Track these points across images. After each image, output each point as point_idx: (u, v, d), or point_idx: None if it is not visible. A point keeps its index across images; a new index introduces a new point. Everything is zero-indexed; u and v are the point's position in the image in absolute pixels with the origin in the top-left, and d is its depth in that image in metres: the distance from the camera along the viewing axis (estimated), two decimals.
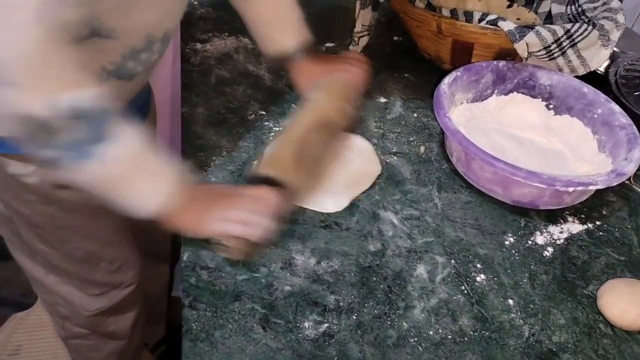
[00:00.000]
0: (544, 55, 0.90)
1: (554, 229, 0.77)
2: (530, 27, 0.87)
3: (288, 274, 0.67)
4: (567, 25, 0.87)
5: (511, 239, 0.75)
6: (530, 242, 0.75)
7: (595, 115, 0.87)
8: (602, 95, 0.87)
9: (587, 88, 0.89)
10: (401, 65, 1.08)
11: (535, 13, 1.09)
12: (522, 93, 0.94)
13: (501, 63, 0.92)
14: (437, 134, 0.92)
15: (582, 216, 0.80)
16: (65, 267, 0.90)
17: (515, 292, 0.69)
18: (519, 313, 0.66)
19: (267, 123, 0.89)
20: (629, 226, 0.80)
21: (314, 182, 0.75)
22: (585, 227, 0.78)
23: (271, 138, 0.86)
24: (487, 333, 0.64)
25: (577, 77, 0.92)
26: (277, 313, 0.63)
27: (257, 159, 0.82)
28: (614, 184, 0.72)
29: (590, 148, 0.86)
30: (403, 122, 0.93)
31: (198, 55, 1.04)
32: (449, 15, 1.11)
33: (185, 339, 0.60)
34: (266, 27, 0.83)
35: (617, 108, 0.85)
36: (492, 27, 0.92)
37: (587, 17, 0.96)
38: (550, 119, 0.92)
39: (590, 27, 0.87)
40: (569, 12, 1.02)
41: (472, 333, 0.64)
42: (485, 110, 0.92)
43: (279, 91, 0.97)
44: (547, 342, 0.64)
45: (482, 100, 0.94)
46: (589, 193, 0.80)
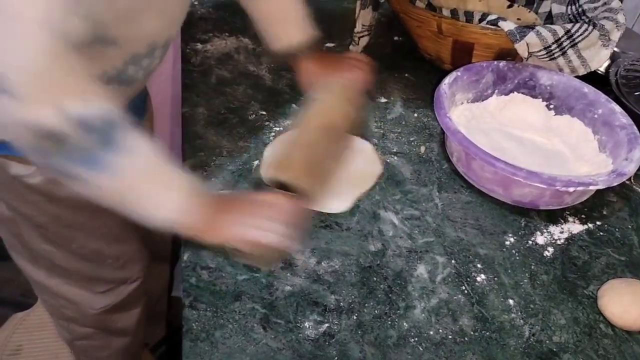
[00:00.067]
0: (545, 56, 0.90)
1: (554, 229, 0.77)
2: (530, 27, 0.87)
3: (288, 274, 0.67)
4: (567, 26, 0.87)
5: (511, 239, 0.75)
6: (530, 242, 0.75)
7: (595, 116, 0.87)
8: (603, 95, 0.87)
9: (587, 88, 0.89)
10: (401, 66, 1.08)
11: (536, 13, 1.09)
12: (522, 93, 0.94)
13: (501, 63, 0.92)
14: (437, 134, 0.91)
15: (583, 216, 0.80)
16: (69, 266, 0.90)
17: (515, 292, 0.69)
18: (520, 313, 0.66)
19: (267, 123, 0.89)
20: (629, 226, 0.79)
21: (322, 186, 0.75)
22: (585, 227, 0.78)
23: (271, 138, 0.86)
24: (487, 333, 0.64)
25: (577, 77, 0.92)
26: (278, 313, 0.63)
27: (257, 159, 0.82)
28: (614, 184, 0.72)
29: (590, 148, 0.86)
30: (403, 122, 0.93)
31: (198, 56, 1.04)
32: (450, 16, 1.11)
33: (186, 339, 0.60)
34: (273, 24, 0.83)
35: (617, 108, 0.85)
36: (492, 27, 0.92)
37: (587, 17, 0.96)
38: (550, 119, 0.92)
39: (590, 27, 0.87)
40: (569, 12, 1.02)
41: (472, 333, 0.64)
42: (486, 111, 0.92)
43: (279, 91, 0.97)
44: (547, 342, 0.64)
45: (482, 101, 0.94)
46: (590, 193, 0.80)
